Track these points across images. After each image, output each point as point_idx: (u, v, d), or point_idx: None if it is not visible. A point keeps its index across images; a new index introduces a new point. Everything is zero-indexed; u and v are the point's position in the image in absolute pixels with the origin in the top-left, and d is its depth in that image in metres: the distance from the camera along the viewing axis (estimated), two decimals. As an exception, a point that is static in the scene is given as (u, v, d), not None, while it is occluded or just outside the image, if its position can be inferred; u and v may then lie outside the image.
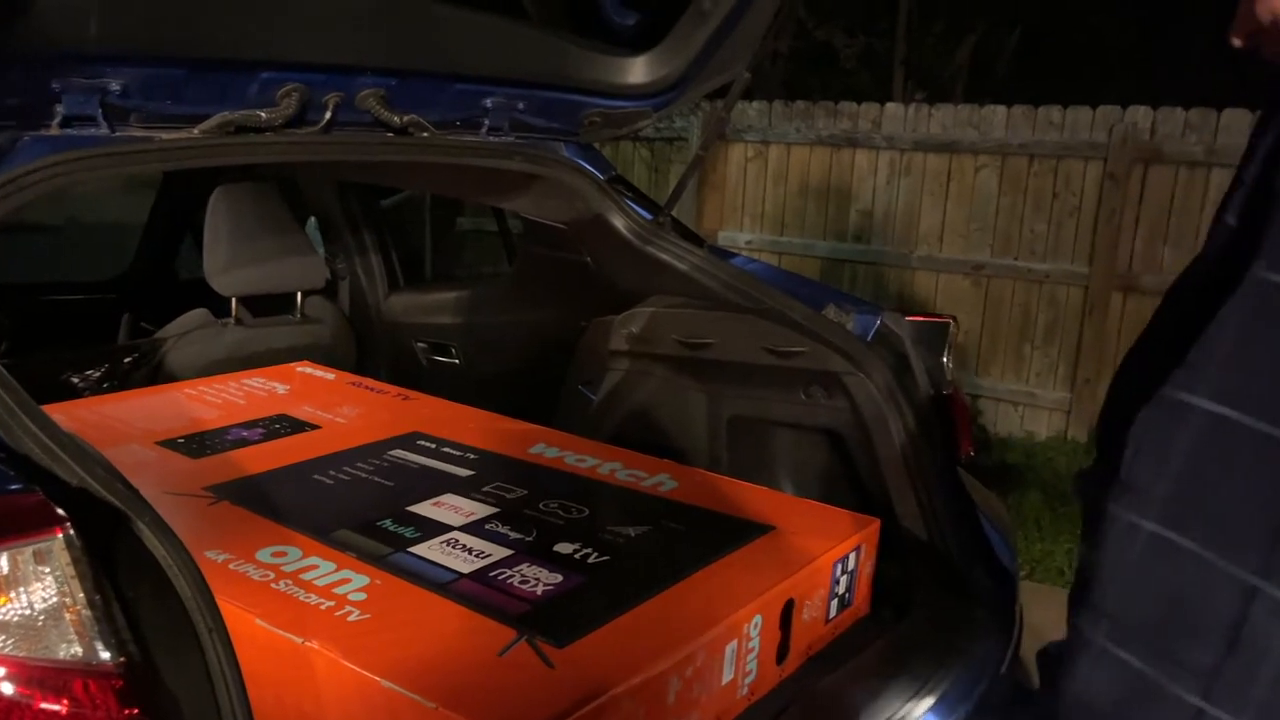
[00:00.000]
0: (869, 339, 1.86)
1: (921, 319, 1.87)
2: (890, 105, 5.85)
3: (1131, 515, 0.75)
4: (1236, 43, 0.95)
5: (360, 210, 2.98)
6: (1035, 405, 5.46)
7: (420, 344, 2.77)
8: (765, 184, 6.17)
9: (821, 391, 1.89)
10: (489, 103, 1.93)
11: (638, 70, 2.00)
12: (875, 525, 1.73)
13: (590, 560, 1.57)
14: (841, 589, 1.68)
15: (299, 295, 2.73)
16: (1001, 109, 5.42)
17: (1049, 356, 5.41)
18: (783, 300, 1.94)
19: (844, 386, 1.84)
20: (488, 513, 1.73)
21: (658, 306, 2.10)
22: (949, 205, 5.61)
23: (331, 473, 1.87)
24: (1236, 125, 4.81)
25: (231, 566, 1.45)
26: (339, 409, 2.22)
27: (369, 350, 2.86)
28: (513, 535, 1.65)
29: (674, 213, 2.18)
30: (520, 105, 1.97)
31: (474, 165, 1.96)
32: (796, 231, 6.08)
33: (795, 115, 6.02)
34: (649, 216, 2.14)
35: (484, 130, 1.96)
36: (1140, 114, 5.05)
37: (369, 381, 2.43)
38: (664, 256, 2.08)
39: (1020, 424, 5.50)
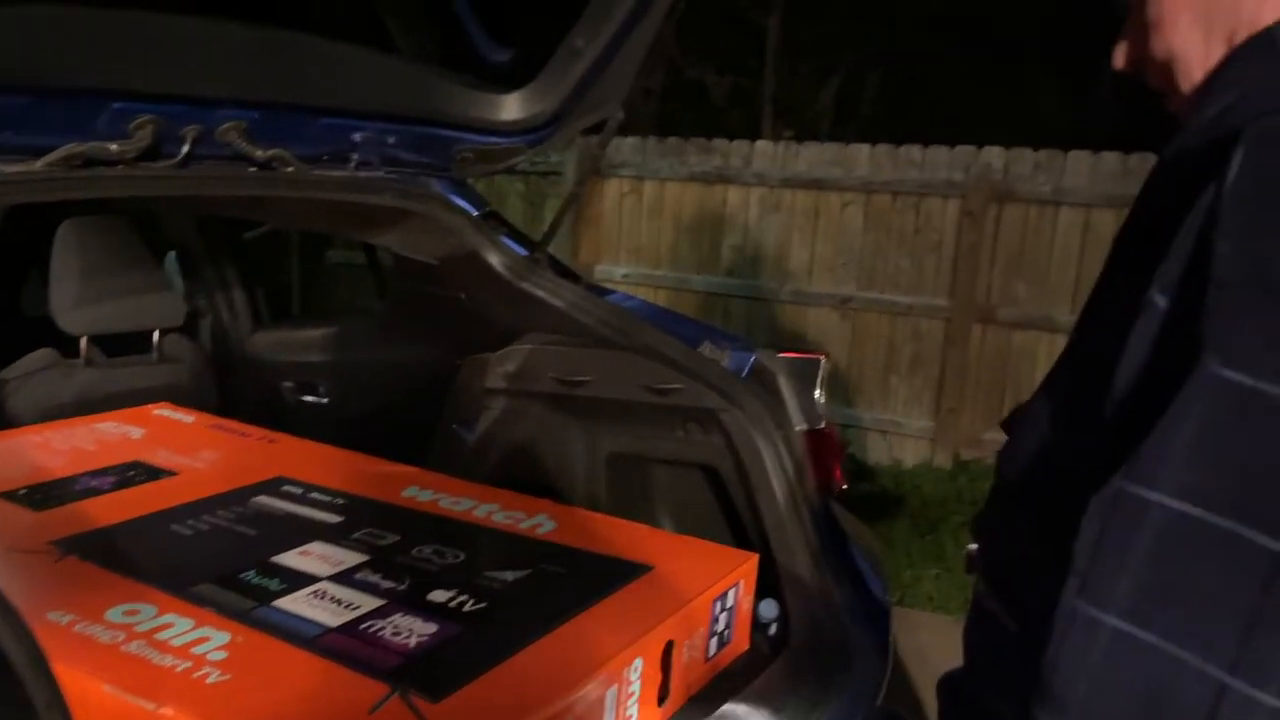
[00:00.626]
0: (744, 375, 1.88)
1: (794, 355, 1.89)
2: (760, 143, 5.99)
3: (1092, 610, 0.73)
4: (1119, 64, 0.98)
5: (222, 244, 2.87)
6: (901, 434, 5.62)
7: (287, 383, 2.68)
8: (641, 219, 6.22)
9: (698, 428, 1.90)
10: (358, 137, 1.89)
11: (511, 106, 1.99)
12: (753, 560, 1.74)
13: (466, 608, 1.53)
14: (721, 626, 1.68)
15: (156, 333, 2.60)
16: (865, 148, 5.61)
17: (914, 386, 5.59)
18: (659, 337, 1.94)
19: (720, 423, 1.85)
20: (358, 561, 1.67)
21: (534, 344, 2.08)
22: (818, 241, 5.76)
23: (190, 522, 1.77)
24: (1079, 167, 5.08)
25: (77, 629, 1.35)
26: (199, 453, 2.11)
27: (232, 391, 2.74)
28: (384, 584, 1.59)
29: (551, 247, 2.16)
30: (390, 140, 1.93)
31: (342, 200, 1.91)
32: (671, 266, 6.15)
33: (668, 152, 6.10)
34: (524, 253, 2.12)
35: (353, 165, 1.91)
36: (994, 154, 5.30)
37: (231, 424, 2.32)
38: (540, 293, 2.07)
39: (888, 452, 5.65)
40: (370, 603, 1.52)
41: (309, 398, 2.64)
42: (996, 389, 5.33)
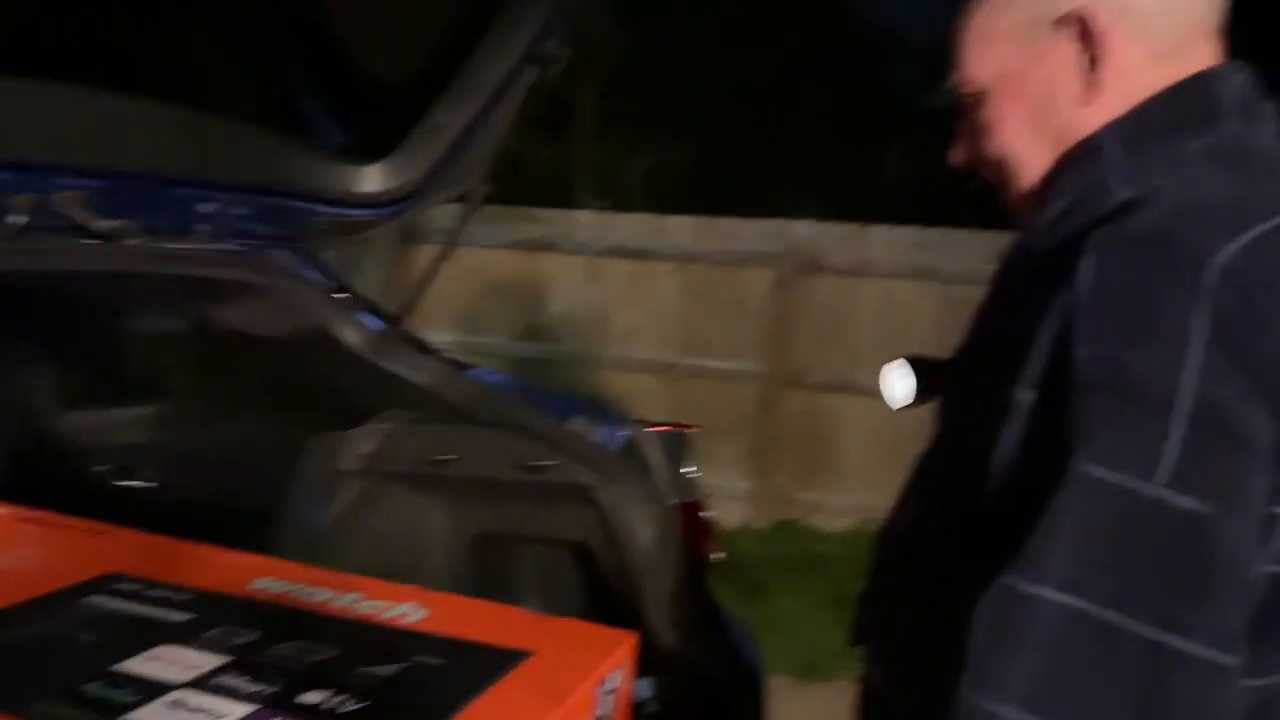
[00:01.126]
0: (616, 450, 1.88)
1: (665, 429, 1.91)
2: (580, 213, 6.08)
3: (991, 705, 0.75)
4: (957, 161, 1.04)
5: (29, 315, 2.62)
6: (722, 496, 5.74)
7: (107, 467, 2.46)
8: (461, 286, 6.15)
9: (571, 505, 1.88)
10: (208, 208, 1.78)
11: (370, 178, 1.94)
12: (632, 640, 1.72)
13: (343, 710, 1.43)
14: (603, 710, 1.65)
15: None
16: (682, 219, 5.78)
17: (732, 449, 5.73)
18: (530, 413, 1.92)
19: (593, 499, 1.84)
20: (216, 664, 1.52)
21: (394, 422, 2.00)
22: (639, 308, 5.86)
23: (15, 631, 1.58)
24: (881, 240, 5.42)
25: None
26: (12, 551, 1.90)
27: (43, 478, 2.49)
28: (249, 688, 1.45)
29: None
30: (243, 211, 1.83)
31: (189, 274, 1.80)
32: (493, 333, 6.10)
33: (489, 219, 6.07)
34: (380, 326, 2.05)
35: (201, 237, 1.80)
36: (804, 227, 5.57)
37: (46, 515, 2.11)
38: (399, 369, 2.00)
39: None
40: (237, 709, 1.38)
41: (134, 483, 2.43)
42: (808, 451, 5.55)
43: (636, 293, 5.85)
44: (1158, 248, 0.78)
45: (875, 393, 5.54)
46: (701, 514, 1.87)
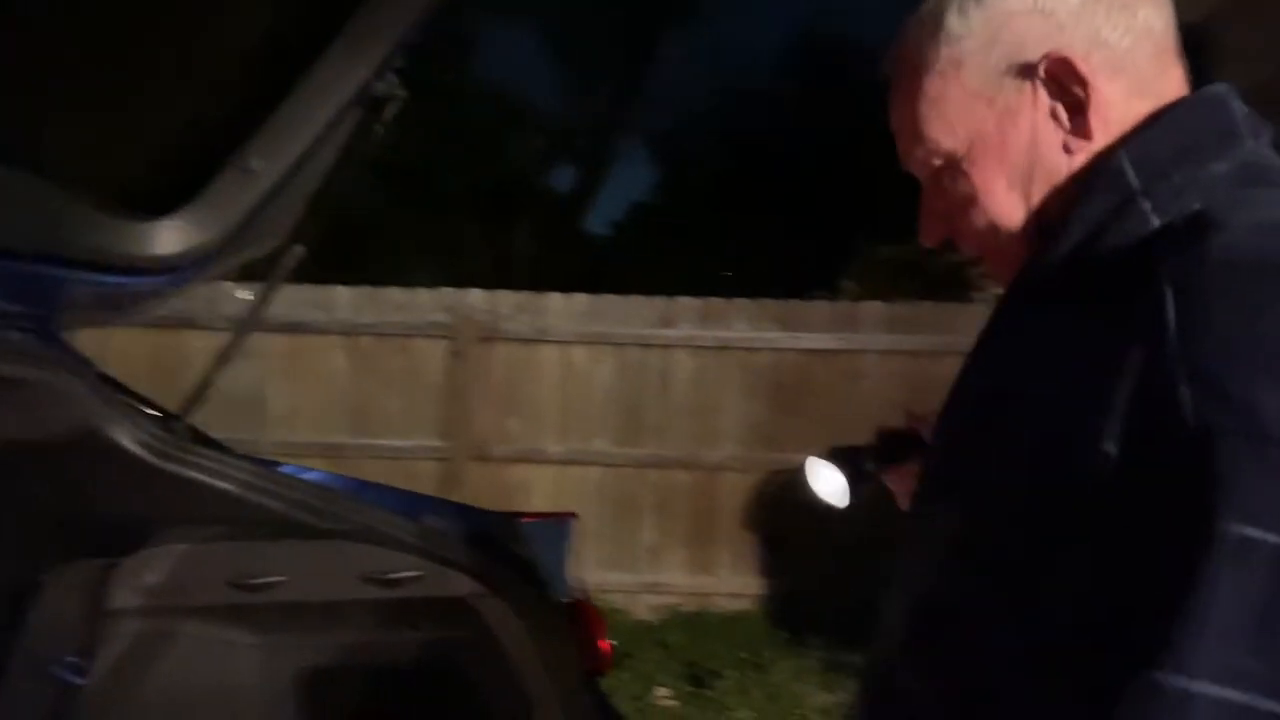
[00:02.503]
0: (489, 549, 1.62)
1: (540, 518, 1.68)
2: (226, 284, 5.45)
3: None
4: (932, 243, 0.97)
5: None
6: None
7: None
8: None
9: (439, 621, 1.59)
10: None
11: (157, 237, 1.53)
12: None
13: None
14: None
15: None
16: (344, 289, 5.39)
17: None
18: (380, 516, 1.60)
19: (472, 611, 1.57)
20: None
21: (191, 541, 1.59)
22: (300, 387, 5.35)
23: None
24: (555, 307, 5.41)
25: None
26: None
27: None
28: None
29: None
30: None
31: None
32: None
33: (110, 292, 5.27)
34: (163, 425, 1.63)
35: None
36: (477, 296, 5.42)
37: None
38: (194, 475, 1.59)
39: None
40: None
41: None
42: (499, 526, 5.35)
43: (296, 369, 5.35)
44: (1259, 273, 0.69)
45: (561, 459, 5.58)
46: (591, 613, 1.65)
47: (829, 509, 1.24)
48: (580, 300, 5.43)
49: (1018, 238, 0.87)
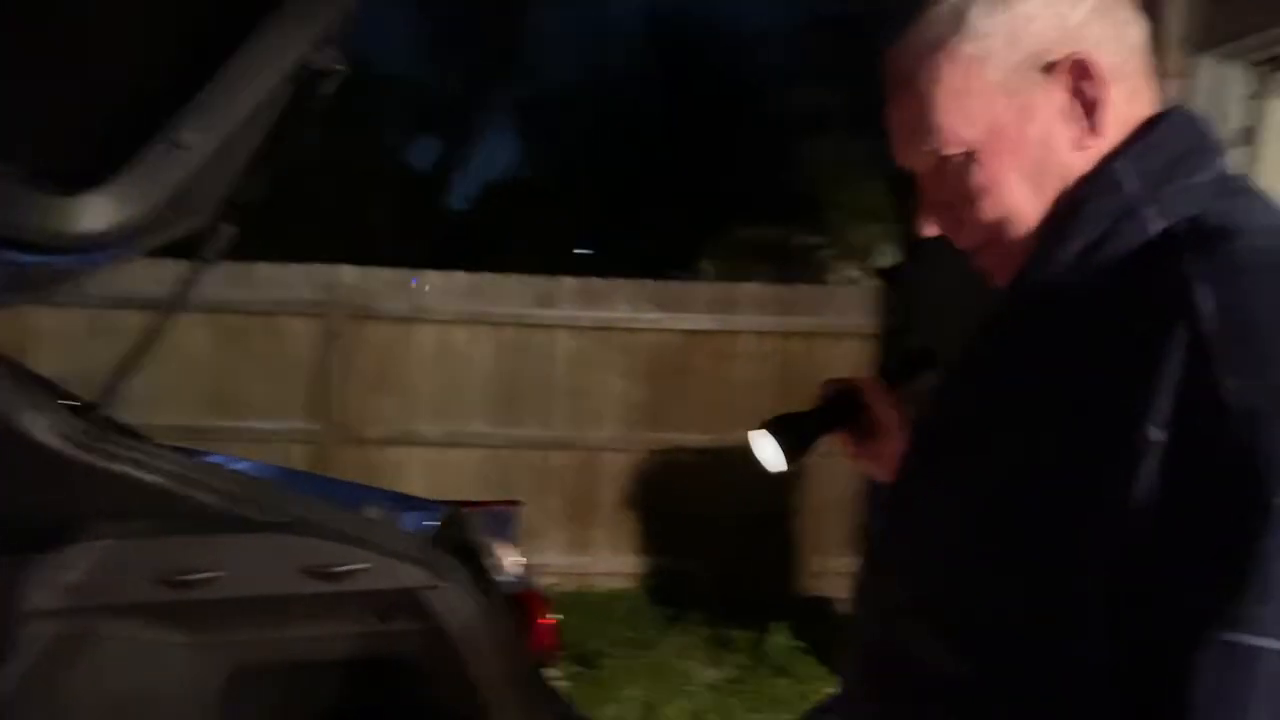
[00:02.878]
0: (433, 539, 1.59)
1: (486, 506, 1.65)
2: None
3: None
4: (931, 233, 1.00)
5: None
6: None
7: None
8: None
9: (384, 615, 1.54)
10: None
11: (80, 213, 1.42)
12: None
13: None
14: None
15: None
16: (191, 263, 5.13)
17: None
18: (320, 508, 1.54)
19: (421, 604, 1.53)
20: None
21: (117, 537, 1.49)
22: (159, 366, 5.06)
23: None
24: (433, 285, 5.30)
25: None
26: None
27: None
28: None
29: None
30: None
31: None
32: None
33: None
34: (73, 414, 1.52)
35: None
36: (349, 273, 5.25)
37: None
38: (116, 467, 1.50)
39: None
40: None
41: None
42: (374, 509, 5.23)
43: (157, 348, 5.06)
44: None
45: (437, 441, 5.51)
46: (538, 602, 1.64)
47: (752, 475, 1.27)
48: (459, 279, 5.34)
49: (1023, 232, 0.91)
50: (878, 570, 1.04)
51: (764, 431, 1.19)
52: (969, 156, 0.90)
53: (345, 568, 1.52)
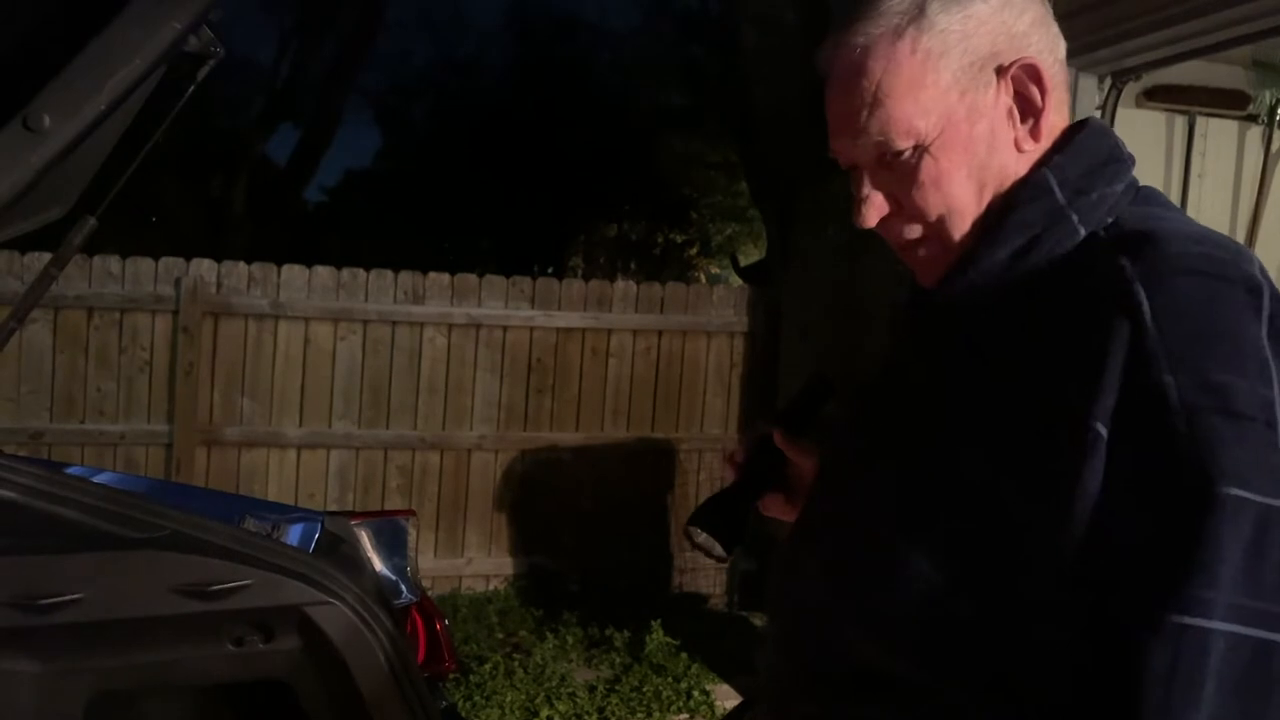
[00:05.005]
0: (319, 552, 1.51)
1: (373, 516, 1.57)
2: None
3: None
4: (870, 224, 0.99)
5: None
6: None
7: None
8: None
9: (266, 633, 1.45)
10: None
11: (-83, 201, 1.28)
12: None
13: None
14: None
15: None
16: (47, 256, 4.79)
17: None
18: (192, 521, 1.43)
19: (306, 620, 1.44)
20: None
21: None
22: (-6, 367, 4.72)
23: None
24: (296, 281, 5.09)
25: None
26: None
27: None
28: None
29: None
30: None
31: None
32: None
33: None
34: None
35: None
36: (205, 267, 5.00)
37: None
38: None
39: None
40: None
41: None
42: (232, 515, 4.99)
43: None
44: (1210, 277, 0.81)
45: (301, 443, 5.38)
46: (433, 615, 1.57)
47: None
48: (323, 274, 5.14)
49: (961, 229, 0.93)
50: (796, 571, 1.03)
51: (695, 529, 1.14)
52: (919, 150, 0.91)
53: (223, 585, 1.42)
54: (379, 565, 1.55)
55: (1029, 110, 0.92)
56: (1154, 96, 3.86)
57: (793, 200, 5.25)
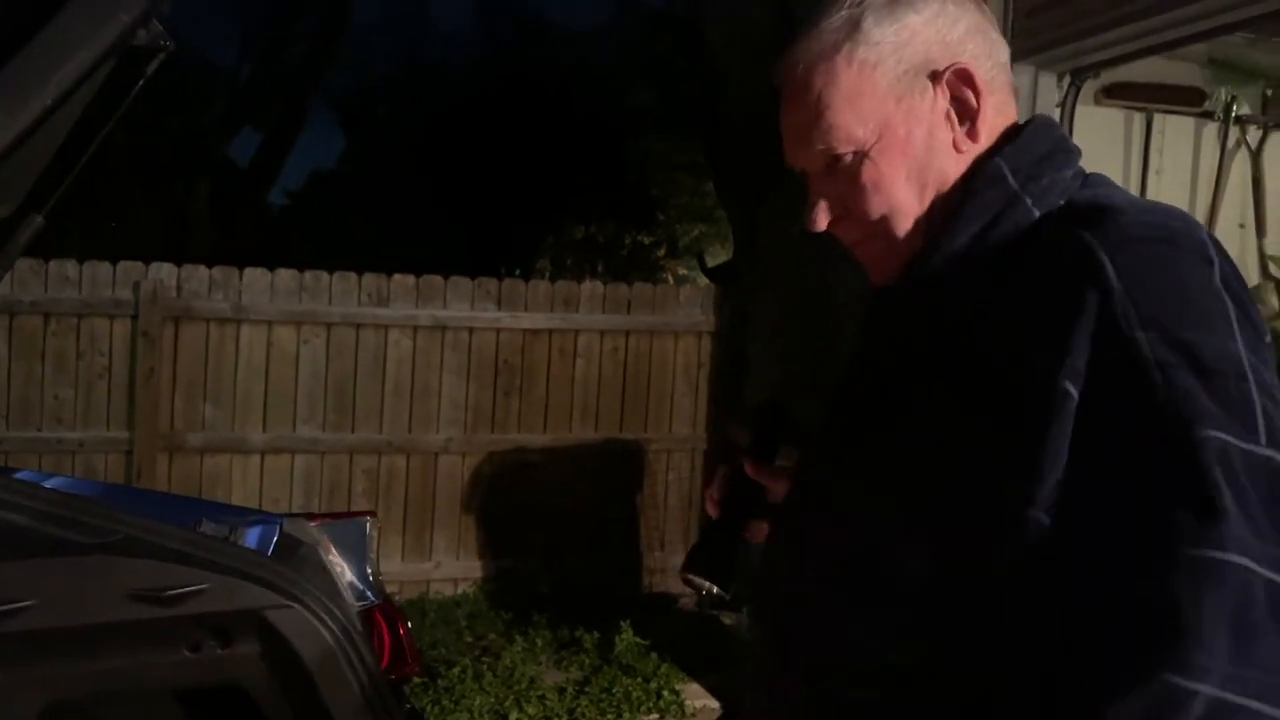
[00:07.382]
0: (270, 553, 1.48)
1: (334, 518, 1.55)
2: None
3: (1193, 683, 0.73)
4: (821, 227, 1.03)
5: None
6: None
7: None
8: None
9: (223, 639, 1.43)
10: None
11: None
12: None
13: None
14: None
15: None
16: (1, 260, 4.71)
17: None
18: (147, 525, 1.41)
19: (266, 625, 1.42)
20: None
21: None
22: (-55, 374, 4.63)
23: None
24: (258, 284, 5.03)
25: None
26: None
27: None
28: None
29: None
30: None
31: None
32: None
33: None
34: None
35: None
36: (164, 270, 4.93)
37: None
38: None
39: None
40: None
41: None
42: (195, 521, 4.92)
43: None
44: (1170, 242, 0.87)
45: (265, 448, 5.34)
46: (395, 616, 1.55)
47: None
48: (285, 277, 5.08)
49: (905, 228, 0.98)
50: (784, 566, 1.04)
51: (692, 575, 1.15)
52: (859, 155, 0.96)
53: (179, 590, 1.39)
54: (340, 567, 1.53)
55: (965, 113, 0.96)
56: (1112, 94, 3.90)
57: (759, 200, 5.26)
